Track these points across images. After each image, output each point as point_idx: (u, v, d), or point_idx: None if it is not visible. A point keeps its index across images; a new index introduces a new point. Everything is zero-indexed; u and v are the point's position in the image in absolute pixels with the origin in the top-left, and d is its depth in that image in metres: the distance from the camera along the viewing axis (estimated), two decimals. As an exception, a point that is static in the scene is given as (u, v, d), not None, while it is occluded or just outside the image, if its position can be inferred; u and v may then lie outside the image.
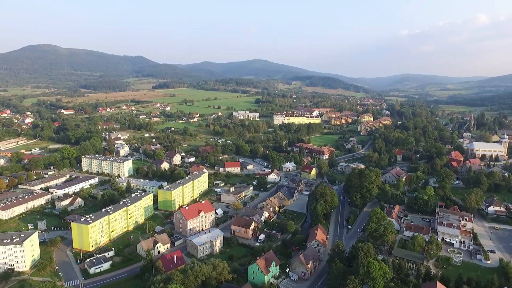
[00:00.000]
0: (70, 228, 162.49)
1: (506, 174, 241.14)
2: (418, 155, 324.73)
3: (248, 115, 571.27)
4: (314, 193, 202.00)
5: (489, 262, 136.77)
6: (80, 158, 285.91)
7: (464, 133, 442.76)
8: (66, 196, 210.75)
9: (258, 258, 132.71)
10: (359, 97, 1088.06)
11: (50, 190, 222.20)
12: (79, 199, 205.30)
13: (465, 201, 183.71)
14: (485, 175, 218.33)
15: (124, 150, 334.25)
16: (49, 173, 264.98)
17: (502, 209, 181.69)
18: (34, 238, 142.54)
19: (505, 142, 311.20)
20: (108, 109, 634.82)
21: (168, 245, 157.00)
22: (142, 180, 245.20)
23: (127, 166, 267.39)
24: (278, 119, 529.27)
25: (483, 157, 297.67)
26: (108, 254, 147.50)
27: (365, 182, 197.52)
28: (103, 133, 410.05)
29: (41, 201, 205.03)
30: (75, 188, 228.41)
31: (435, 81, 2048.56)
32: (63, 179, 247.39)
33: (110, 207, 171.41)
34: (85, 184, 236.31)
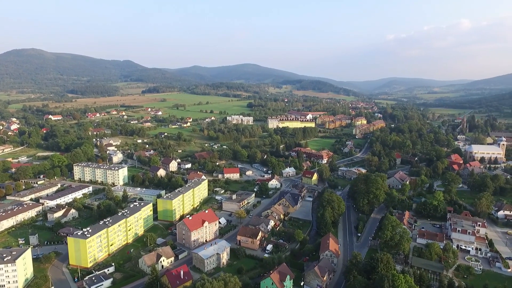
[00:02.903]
0: (65, 242, 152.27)
1: (508, 176, 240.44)
2: (416, 158, 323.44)
3: (242, 120, 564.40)
4: (321, 199, 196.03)
5: (509, 270, 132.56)
6: (71, 166, 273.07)
7: (458, 136, 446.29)
8: (59, 207, 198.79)
9: (271, 271, 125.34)
10: (349, 100, 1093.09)
11: (41, 201, 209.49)
12: (73, 210, 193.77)
13: (475, 205, 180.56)
14: (490, 178, 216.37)
15: (117, 157, 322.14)
16: (39, 182, 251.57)
17: (511, 213, 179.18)
18: (27, 256, 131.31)
19: (503, 144, 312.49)
20: (98, 115, 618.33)
21: (172, 258, 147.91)
22: (138, 189, 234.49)
23: (122, 174, 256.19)
24: (273, 123, 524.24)
25: (481, 160, 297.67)
26: (108, 270, 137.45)
27: (372, 188, 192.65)
28: (94, 139, 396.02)
29: (31, 213, 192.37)
30: (68, 198, 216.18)
31: (422, 84, 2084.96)
32: (55, 188, 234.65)
33: (109, 219, 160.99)
34: (78, 194, 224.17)
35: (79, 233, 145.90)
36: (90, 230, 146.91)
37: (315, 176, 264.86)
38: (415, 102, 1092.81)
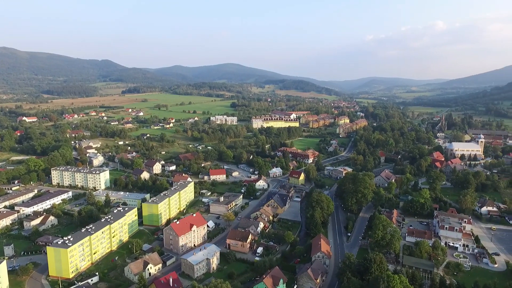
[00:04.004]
0: (44, 252, 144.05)
1: (488, 173, 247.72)
2: (399, 156, 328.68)
3: (226, 120, 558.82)
4: (310, 200, 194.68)
5: (496, 265, 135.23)
6: (48, 170, 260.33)
7: (438, 133, 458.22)
8: (36, 214, 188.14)
9: (264, 276, 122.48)
10: (331, 99, 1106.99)
11: (16, 208, 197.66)
12: (51, 217, 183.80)
13: (460, 202, 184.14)
14: (472, 175, 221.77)
15: (98, 160, 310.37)
16: (14, 188, 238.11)
17: (494, 209, 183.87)
18: (2, 268, 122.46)
19: (481, 141, 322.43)
20: (76, 116, 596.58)
21: (160, 265, 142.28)
22: (122, 193, 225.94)
23: (104, 177, 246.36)
24: (257, 123, 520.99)
25: (462, 157, 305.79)
26: (92, 280, 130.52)
27: (360, 187, 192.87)
28: (73, 142, 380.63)
29: (6, 221, 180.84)
30: (46, 204, 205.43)
31: (400, 84, 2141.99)
32: (31, 194, 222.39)
33: (91, 225, 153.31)
34: (57, 200, 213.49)
35: (59, 242, 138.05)
36: (71, 238, 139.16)
37: (302, 176, 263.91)
38: (394, 101, 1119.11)
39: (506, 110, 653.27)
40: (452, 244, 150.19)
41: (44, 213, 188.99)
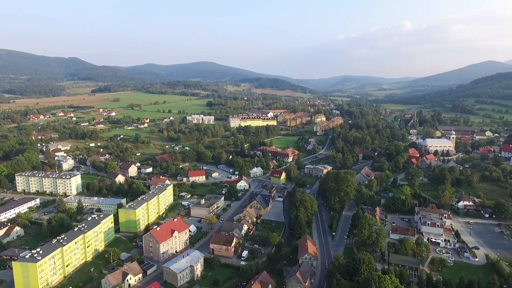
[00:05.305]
0: (9, 267, 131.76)
1: (461, 168, 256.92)
2: (376, 154, 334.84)
3: (202, 119, 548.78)
4: (293, 200, 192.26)
5: (477, 259, 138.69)
6: (12, 176, 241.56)
7: (411, 130, 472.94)
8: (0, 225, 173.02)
9: (252, 282, 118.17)
10: (307, 97, 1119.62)
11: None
12: (17, 228, 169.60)
13: (439, 198, 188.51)
14: (447, 170, 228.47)
15: (68, 164, 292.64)
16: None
17: (470, 203, 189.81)
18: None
19: (453, 137, 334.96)
20: (42, 117, 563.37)
21: (140, 275, 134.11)
22: (96, 198, 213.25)
23: (75, 182, 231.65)
24: (235, 122, 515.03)
25: (435, 153, 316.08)
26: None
27: (343, 185, 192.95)
28: (39, 145, 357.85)
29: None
30: (10, 213, 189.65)
31: (372, 82, 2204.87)
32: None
33: (63, 235, 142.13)
34: (23, 208, 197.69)
35: (27, 256, 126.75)
36: (40, 251, 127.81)
37: (283, 175, 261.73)
38: (367, 99, 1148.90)
39: (471, 107, 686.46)
40: (434, 240, 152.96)
41: (9, 224, 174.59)
